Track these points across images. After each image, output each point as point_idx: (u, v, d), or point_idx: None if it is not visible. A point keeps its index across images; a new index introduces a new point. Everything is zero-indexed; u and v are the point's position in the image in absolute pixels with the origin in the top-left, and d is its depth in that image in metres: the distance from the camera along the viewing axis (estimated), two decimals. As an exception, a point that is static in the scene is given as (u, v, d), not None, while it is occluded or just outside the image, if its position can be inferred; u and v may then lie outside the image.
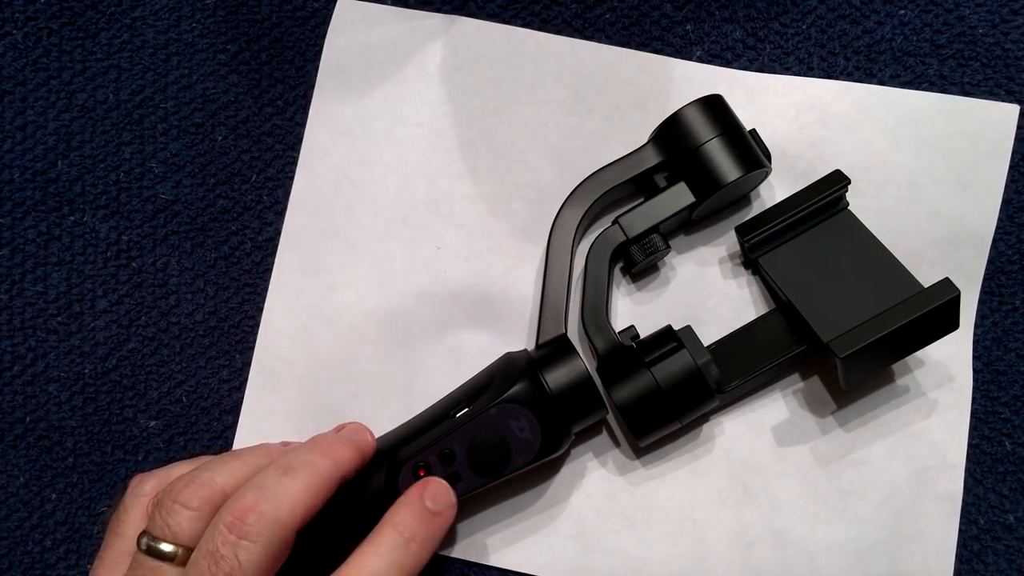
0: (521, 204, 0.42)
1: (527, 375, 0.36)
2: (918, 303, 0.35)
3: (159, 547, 0.32)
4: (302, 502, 0.32)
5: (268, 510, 0.31)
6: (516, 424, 0.35)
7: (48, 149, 0.44)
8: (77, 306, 0.43)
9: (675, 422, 0.37)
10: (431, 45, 0.44)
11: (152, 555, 0.32)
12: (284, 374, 0.42)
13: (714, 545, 0.39)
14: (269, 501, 0.31)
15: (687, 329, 0.38)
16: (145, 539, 0.32)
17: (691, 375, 0.36)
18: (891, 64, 0.42)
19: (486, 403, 0.35)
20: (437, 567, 0.40)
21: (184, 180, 0.44)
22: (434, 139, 0.43)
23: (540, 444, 0.35)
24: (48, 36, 0.45)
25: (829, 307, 0.37)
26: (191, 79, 0.44)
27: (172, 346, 0.42)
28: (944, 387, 0.40)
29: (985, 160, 0.41)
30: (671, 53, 0.43)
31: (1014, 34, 0.42)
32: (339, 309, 0.42)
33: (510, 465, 0.35)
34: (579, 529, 0.39)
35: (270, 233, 0.43)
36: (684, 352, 0.36)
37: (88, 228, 0.43)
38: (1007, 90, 0.42)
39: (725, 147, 0.38)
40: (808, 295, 0.37)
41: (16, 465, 0.42)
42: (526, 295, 0.41)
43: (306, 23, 0.44)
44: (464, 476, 0.35)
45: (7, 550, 0.41)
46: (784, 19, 0.43)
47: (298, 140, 0.43)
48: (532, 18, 0.44)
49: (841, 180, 0.39)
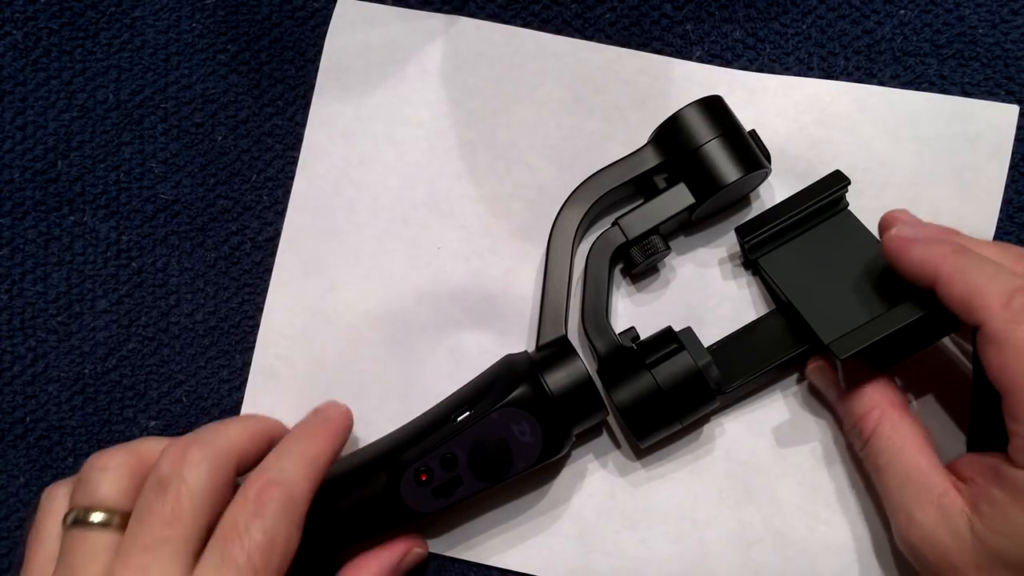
0: (521, 204, 0.42)
1: (528, 378, 0.36)
2: (919, 304, 0.34)
3: (88, 518, 0.30)
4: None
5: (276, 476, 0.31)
6: (518, 428, 0.35)
7: (48, 149, 0.44)
8: (77, 306, 0.43)
9: (676, 423, 0.37)
10: (431, 45, 0.44)
11: (82, 527, 0.30)
12: (284, 374, 0.42)
13: (714, 545, 0.39)
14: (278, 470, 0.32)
15: (687, 331, 0.38)
16: (72, 515, 0.31)
17: (692, 377, 0.36)
18: (891, 64, 0.42)
19: (488, 407, 0.35)
20: (437, 567, 0.40)
21: (184, 180, 0.44)
22: (434, 139, 0.43)
23: (542, 447, 0.35)
24: (48, 36, 0.45)
25: (829, 308, 0.36)
26: (191, 79, 0.44)
27: (172, 346, 0.42)
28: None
29: (985, 160, 0.41)
30: (671, 53, 0.43)
31: (1014, 34, 0.42)
32: (339, 309, 0.42)
33: (512, 469, 0.35)
34: (579, 529, 0.39)
35: (270, 233, 0.43)
36: (685, 354, 0.36)
37: (88, 228, 0.43)
38: (1007, 90, 0.42)
39: (725, 148, 0.38)
40: (808, 296, 0.37)
41: (16, 465, 0.42)
42: (526, 295, 0.41)
43: (306, 23, 0.44)
44: (466, 480, 0.35)
45: (7, 550, 0.41)
46: (784, 19, 0.43)
47: (298, 140, 0.43)
48: (532, 18, 0.44)
49: (841, 180, 0.39)
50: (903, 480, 0.34)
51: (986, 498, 0.31)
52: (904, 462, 0.34)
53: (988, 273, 0.31)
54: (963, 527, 0.31)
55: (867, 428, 0.35)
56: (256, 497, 0.31)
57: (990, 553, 0.30)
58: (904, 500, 0.33)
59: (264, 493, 0.31)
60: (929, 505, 0.32)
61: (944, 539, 0.32)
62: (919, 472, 0.33)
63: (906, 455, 0.34)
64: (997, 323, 0.30)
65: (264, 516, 0.30)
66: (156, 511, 0.30)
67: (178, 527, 0.30)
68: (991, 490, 0.31)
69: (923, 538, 0.32)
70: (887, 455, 0.34)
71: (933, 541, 0.32)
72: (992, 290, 0.31)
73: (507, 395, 0.35)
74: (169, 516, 0.30)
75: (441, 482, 0.35)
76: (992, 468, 0.31)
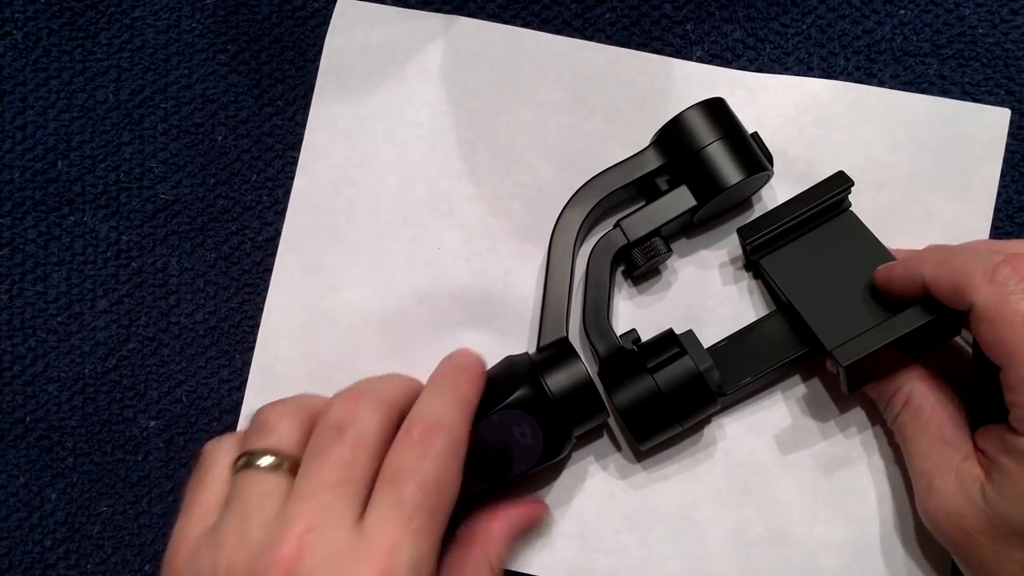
0: (521, 204, 0.42)
1: (529, 380, 0.36)
2: (922, 310, 0.34)
3: (260, 461, 0.31)
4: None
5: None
6: (518, 430, 0.35)
7: (48, 149, 0.44)
8: (77, 306, 0.43)
9: (676, 426, 0.37)
10: (431, 45, 0.44)
11: (255, 470, 0.30)
12: (284, 374, 0.42)
13: (714, 545, 0.39)
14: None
15: (689, 333, 0.37)
16: (243, 459, 0.31)
17: (693, 380, 0.36)
18: (891, 64, 0.42)
19: (487, 409, 0.35)
20: (437, 567, 0.40)
21: (184, 180, 0.44)
22: (434, 139, 0.43)
23: (542, 449, 0.35)
24: (48, 36, 0.45)
25: (832, 312, 0.36)
26: (191, 79, 0.44)
27: (172, 346, 0.42)
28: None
29: (979, 163, 0.41)
30: (671, 53, 0.43)
31: (1014, 34, 0.42)
32: (339, 309, 0.42)
33: (512, 470, 0.35)
34: (579, 529, 0.39)
35: (270, 233, 0.43)
36: (687, 358, 0.36)
37: (88, 228, 0.43)
38: (1007, 90, 0.42)
39: (727, 150, 0.38)
40: (810, 298, 0.37)
41: (16, 465, 0.42)
42: (526, 295, 0.41)
43: (306, 23, 0.44)
44: (465, 482, 0.35)
45: (7, 550, 0.41)
46: (784, 19, 0.43)
47: (298, 140, 0.43)
48: (532, 18, 0.44)
49: (845, 182, 0.38)
50: (928, 448, 0.34)
51: (997, 466, 0.32)
52: (931, 431, 0.35)
53: (968, 256, 0.32)
54: (977, 495, 0.32)
55: (898, 401, 0.36)
56: (421, 440, 0.31)
57: (1002, 520, 0.31)
58: (927, 468, 0.34)
59: (429, 436, 0.31)
60: (949, 472, 0.33)
61: (960, 506, 0.32)
62: (943, 441, 0.34)
63: (933, 424, 0.35)
64: (986, 299, 0.31)
65: (432, 456, 0.30)
66: (334, 454, 0.30)
67: (356, 469, 0.30)
68: (1000, 458, 0.32)
69: (940, 506, 0.33)
70: (916, 424, 0.35)
71: (949, 509, 0.33)
72: (975, 269, 0.31)
73: (508, 397, 0.35)
74: (348, 458, 0.30)
75: None
76: (999, 437, 0.32)
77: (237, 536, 0.29)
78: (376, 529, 0.29)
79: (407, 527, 0.29)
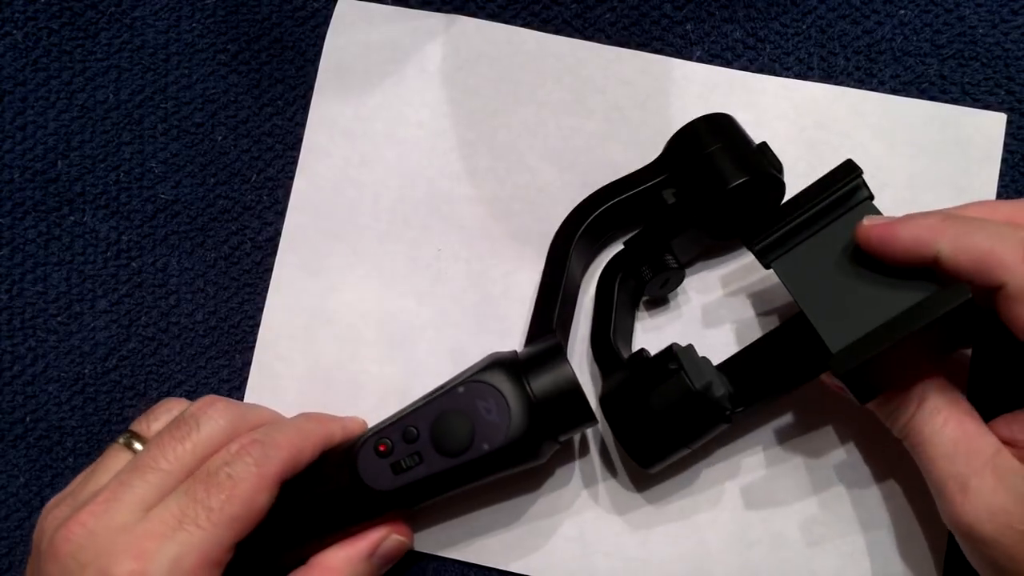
0: (521, 205, 0.42)
1: (504, 365, 0.35)
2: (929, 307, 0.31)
3: (120, 439, 0.35)
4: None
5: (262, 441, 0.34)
6: (483, 404, 0.34)
7: (48, 149, 0.44)
8: (77, 306, 0.43)
9: (682, 448, 0.35)
10: (431, 45, 0.44)
11: (123, 447, 0.35)
12: (284, 374, 0.42)
13: (713, 546, 0.39)
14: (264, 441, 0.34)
15: (688, 348, 0.36)
16: (124, 437, 0.35)
17: (689, 398, 0.34)
18: (891, 64, 0.42)
19: (453, 382, 0.35)
20: (437, 567, 0.40)
21: (184, 180, 0.44)
22: (434, 139, 0.43)
23: (508, 430, 0.34)
24: (48, 36, 0.45)
25: (839, 314, 0.33)
26: (191, 79, 0.44)
27: (172, 346, 0.42)
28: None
29: (977, 166, 0.41)
30: (671, 53, 0.43)
31: (1014, 34, 0.42)
32: (339, 310, 0.42)
33: (473, 447, 0.34)
34: (579, 531, 0.39)
35: (270, 233, 0.43)
36: (681, 374, 0.34)
37: (88, 228, 0.43)
38: (1007, 90, 0.42)
39: (731, 154, 0.37)
40: (820, 301, 0.34)
41: (16, 465, 0.42)
42: (526, 297, 0.41)
43: (306, 23, 0.44)
44: (426, 457, 0.34)
45: (7, 550, 0.41)
46: (784, 19, 0.43)
47: (298, 140, 0.43)
48: (532, 18, 0.44)
49: (853, 170, 0.35)
50: (952, 448, 0.32)
51: None
52: (950, 430, 0.32)
53: (992, 232, 0.31)
54: (1022, 486, 0.30)
55: (911, 403, 0.33)
56: (236, 450, 0.33)
57: None
58: (955, 469, 0.31)
59: (244, 448, 0.33)
60: (984, 468, 0.31)
61: (1006, 503, 0.30)
62: (967, 438, 0.32)
63: (952, 422, 0.32)
64: (1021, 279, 0.30)
65: (234, 464, 0.32)
66: (163, 441, 0.33)
67: (174, 461, 0.33)
68: None
69: (980, 507, 0.30)
70: (932, 425, 0.32)
71: (994, 507, 0.30)
72: (1005, 248, 0.30)
73: (476, 373, 0.35)
74: (172, 448, 0.33)
75: (401, 457, 0.34)
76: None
77: (73, 498, 0.33)
78: (155, 517, 0.31)
79: (180, 522, 0.31)
